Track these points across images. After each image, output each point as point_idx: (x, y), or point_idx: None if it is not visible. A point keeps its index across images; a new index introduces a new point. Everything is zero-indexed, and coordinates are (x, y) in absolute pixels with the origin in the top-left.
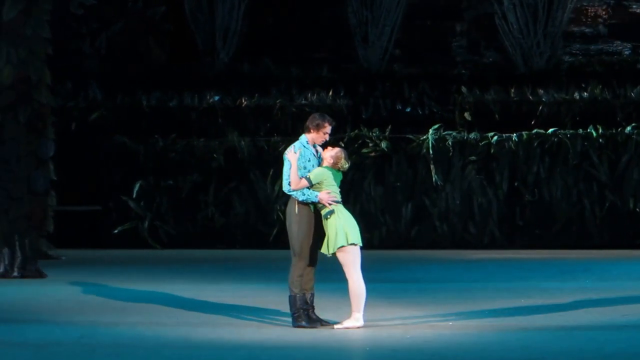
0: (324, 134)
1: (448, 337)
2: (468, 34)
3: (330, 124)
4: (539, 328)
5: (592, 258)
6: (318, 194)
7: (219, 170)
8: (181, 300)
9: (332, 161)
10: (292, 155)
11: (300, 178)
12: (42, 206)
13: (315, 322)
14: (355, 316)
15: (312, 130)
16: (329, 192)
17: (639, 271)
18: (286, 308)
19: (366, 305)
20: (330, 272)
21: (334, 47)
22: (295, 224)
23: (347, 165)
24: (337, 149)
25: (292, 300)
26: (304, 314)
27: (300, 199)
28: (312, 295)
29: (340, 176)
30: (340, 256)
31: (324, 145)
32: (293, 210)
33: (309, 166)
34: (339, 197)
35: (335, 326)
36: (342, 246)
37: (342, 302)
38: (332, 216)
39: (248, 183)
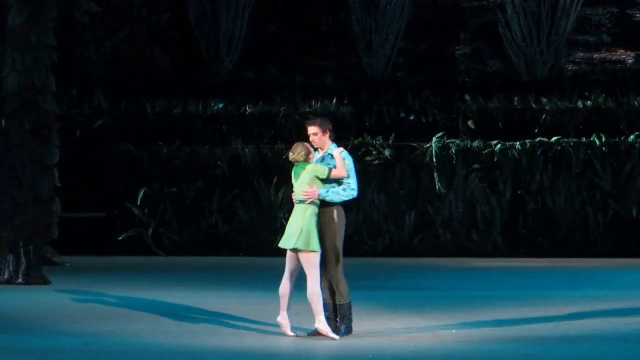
0: (309, 136)
1: (451, 346)
2: (471, 42)
3: (308, 125)
4: (542, 336)
5: (595, 266)
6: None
7: (223, 177)
8: (185, 308)
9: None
10: None
11: None
12: (47, 213)
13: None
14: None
15: None
16: (292, 192)
17: None
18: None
19: (369, 313)
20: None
21: (337, 55)
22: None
23: (294, 156)
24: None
25: (349, 307)
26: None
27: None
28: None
29: (298, 170)
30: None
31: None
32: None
33: None
34: (298, 195)
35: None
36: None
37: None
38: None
39: (252, 190)
